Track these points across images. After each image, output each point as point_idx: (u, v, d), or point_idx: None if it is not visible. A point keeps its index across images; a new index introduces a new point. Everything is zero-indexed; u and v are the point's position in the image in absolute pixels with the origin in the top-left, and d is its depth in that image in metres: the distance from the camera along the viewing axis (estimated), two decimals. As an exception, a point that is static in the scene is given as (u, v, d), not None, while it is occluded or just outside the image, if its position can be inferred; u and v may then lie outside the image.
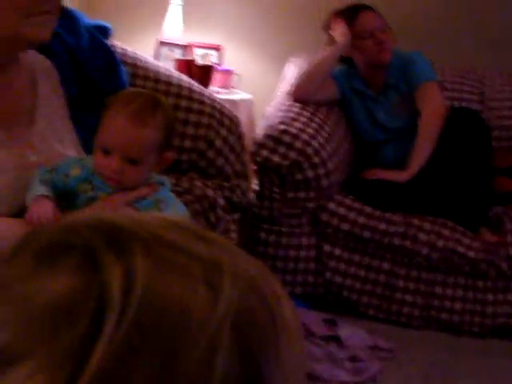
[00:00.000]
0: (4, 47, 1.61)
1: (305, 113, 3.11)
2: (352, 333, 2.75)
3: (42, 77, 1.83)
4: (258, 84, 3.94)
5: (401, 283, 3.01)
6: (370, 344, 2.72)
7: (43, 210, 1.52)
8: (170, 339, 0.43)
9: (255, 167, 3.04)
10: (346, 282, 3.03)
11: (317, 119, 3.10)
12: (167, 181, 1.66)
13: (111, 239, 0.46)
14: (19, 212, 1.58)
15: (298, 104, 3.18)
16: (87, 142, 1.96)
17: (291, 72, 3.55)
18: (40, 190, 1.55)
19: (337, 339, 2.69)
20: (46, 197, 1.54)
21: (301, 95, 3.20)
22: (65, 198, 1.61)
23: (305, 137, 2.91)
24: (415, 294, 3.02)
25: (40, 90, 1.79)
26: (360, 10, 3.27)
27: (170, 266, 0.46)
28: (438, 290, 3.02)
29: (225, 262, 0.48)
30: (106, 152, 1.55)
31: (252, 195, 3.08)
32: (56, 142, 1.78)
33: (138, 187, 1.59)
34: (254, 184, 3.10)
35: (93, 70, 2.61)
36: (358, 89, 3.34)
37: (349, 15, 3.26)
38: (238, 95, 3.66)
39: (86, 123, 2.06)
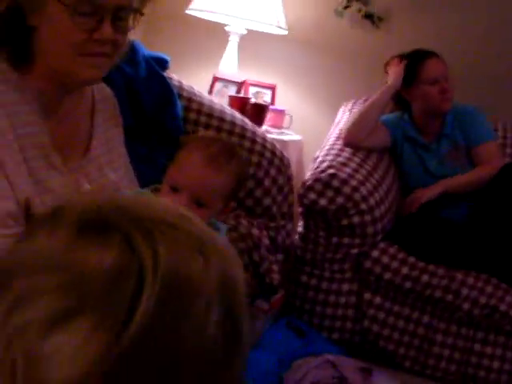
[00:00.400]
0: (60, 80, 1.62)
1: (355, 158, 3.11)
2: (387, 384, 2.72)
3: (101, 105, 1.85)
4: (309, 126, 3.95)
5: (439, 337, 2.98)
6: (405, 397, 2.69)
7: None
8: (182, 295, 0.60)
9: (301, 209, 3.03)
10: (383, 331, 3.01)
11: (367, 165, 3.10)
12: (223, 227, 1.67)
13: (140, 225, 0.63)
14: None
15: (348, 149, 3.18)
16: (137, 172, 1.99)
17: (343, 117, 3.56)
18: None
19: (371, 389, 2.66)
20: None
21: (351, 140, 3.21)
22: None
23: (354, 182, 2.91)
24: (453, 349, 2.98)
25: (98, 118, 1.82)
26: (428, 55, 3.27)
27: (177, 244, 0.63)
28: (477, 347, 2.98)
29: (208, 239, 0.66)
30: (175, 190, 1.56)
31: (296, 237, 3.08)
32: (110, 171, 1.80)
33: None
34: (299, 226, 3.10)
35: (148, 100, 2.66)
36: (410, 136, 3.33)
37: (415, 59, 3.27)
38: (288, 136, 3.67)
39: (137, 152, 2.10)
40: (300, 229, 3.09)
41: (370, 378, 2.71)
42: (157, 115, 2.69)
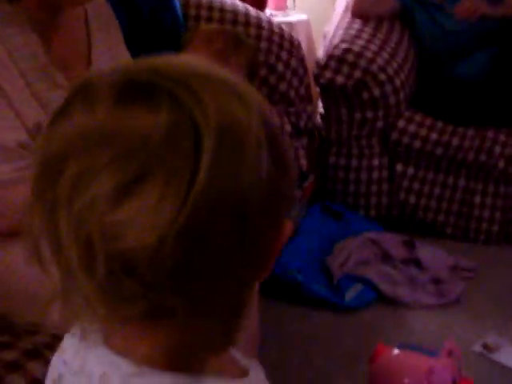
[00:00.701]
0: (52, 5, 1.52)
1: (366, 29, 2.98)
2: (431, 254, 2.67)
3: (94, 10, 1.73)
4: (313, 3, 3.80)
5: (478, 199, 2.91)
6: (451, 264, 2.64)
7: None
8: (236, 141, 0.61)
9: (319, 89, 2.93)
10: (420, 201, 2.94)
11: (379, 35, 2.96)
12: None
13: (178, 82, 0.62)
14: None
15: (358, 20, 3.05)
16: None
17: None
18: None
19: (416, 262, 2.61)
20: None
21: (360, 10, 3.07)
22: None
23: (369, 54, 2.79)
24: (493, 209, 2.91)
25: (93, 25, 1.70)
26: None
27: (218, 93, 0.63)
28: (517, 203, 2.92)
29: (242, 84, 0.67)
30: None
31: (318, 119, 2.99)
32: None
33: None
34: (320, 107, 3.00)
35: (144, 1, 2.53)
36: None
37: None
38: (293, 17, 3.53)
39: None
40: (321, 109, 2.99)
41: (413, 250, 2.66)
42: (154, 15, 2.57)
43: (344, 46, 2.83)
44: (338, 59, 2.79)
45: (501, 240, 2.94)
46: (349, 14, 3.12)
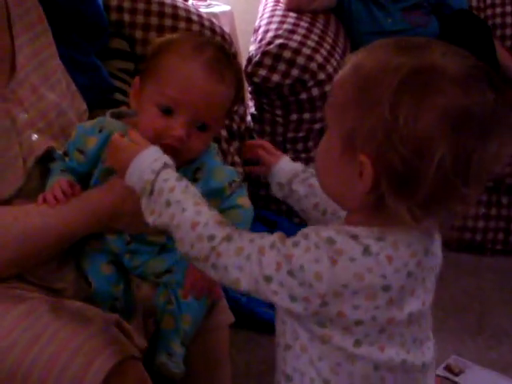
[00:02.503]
0: None
1: (302, 23, 2.76)
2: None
3: (18, 8, 1.46)
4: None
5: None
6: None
7: (57, 185, 1.24)
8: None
9: (251, 88, 2.71)
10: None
11: (316, 29, 2.76)
12: (212, 145, 1.32)
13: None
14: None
15: (292, 14, 2.83)
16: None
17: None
18: (55, 179, 1.28)
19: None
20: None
21: (296, 2, 2.85)
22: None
23: (307, 51, 2.59)
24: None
25: (17, 26, 1.43)
26: None
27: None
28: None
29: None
30: (167, 111, 1.19)
31: (249, 120, 2.77)
32: (48, 90, 1.43)
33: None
34: (251, 107, 2.79)
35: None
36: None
37: None
38: (217, 7, 3.30)
39: (64, 58, 1.70)
40: (252, 110, 2.77)
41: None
42: (74, 9, 2.30)
43: (280, 41, 2.62)
44: (273, 56, 2.58)
45: (442, 247, 2.80)
46: (281, 6, 2.90)
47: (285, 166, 1.28)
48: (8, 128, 1.28)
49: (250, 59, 2.65)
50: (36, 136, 1.33)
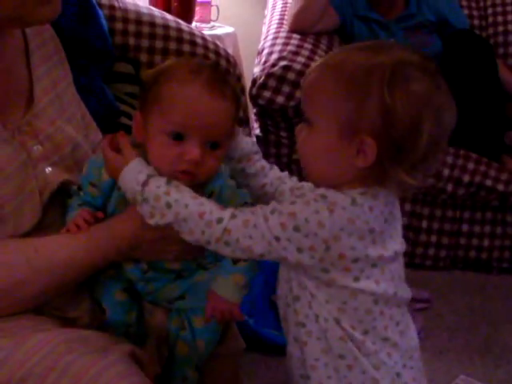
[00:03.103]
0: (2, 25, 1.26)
1: (306, 45, 2.78)
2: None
3: (36, 38, 1.44)
4: (239, 15, 3.59)
5: (424, 224, 2.77)
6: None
7: (79, 216, 1.25)
8: None
9: (256, 110, 2.73)
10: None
11: (320, 51, 2.77)
12: (223, 167, 1.32)
13: None
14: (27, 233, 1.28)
15: (295, 35, 2.85)
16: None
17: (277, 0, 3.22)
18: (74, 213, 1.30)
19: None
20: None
21: (300, 25, 2.86)
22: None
23: (311, 73, 2.60)
24: (440, 234, 2.78)
25: (35, 57, 1.41)
26: None
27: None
28: (465, 227, 2.79)
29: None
30: (178, 137, 1.21)
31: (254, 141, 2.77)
32: (65, 122, 1.42)
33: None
34: (256, 129, 2.80)
35: (66, 19, 2.27)
36: (361, 14, 3.01)
37: None
38: (221, 29, 3.32)
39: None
40: (257, 131, 2.79)
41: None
42: (78, 32, 2.30)
43: (284, 63, 2.63)
44: (277, 78, 2.60)
45: (447, 265, 2.81)
46: (285, 28, 2.92)
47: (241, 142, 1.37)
48: (25, 161, 1.28)
49: (254, 81, 2.66)
50: (50, 169, 1.32)
